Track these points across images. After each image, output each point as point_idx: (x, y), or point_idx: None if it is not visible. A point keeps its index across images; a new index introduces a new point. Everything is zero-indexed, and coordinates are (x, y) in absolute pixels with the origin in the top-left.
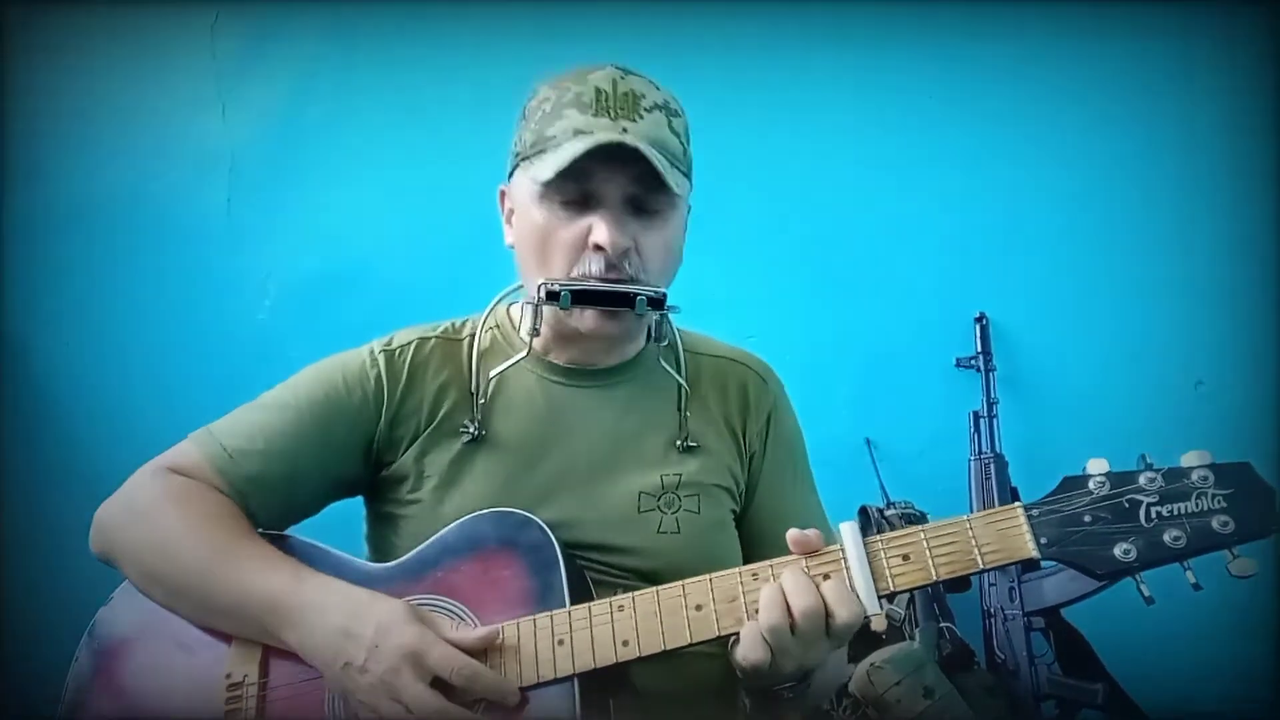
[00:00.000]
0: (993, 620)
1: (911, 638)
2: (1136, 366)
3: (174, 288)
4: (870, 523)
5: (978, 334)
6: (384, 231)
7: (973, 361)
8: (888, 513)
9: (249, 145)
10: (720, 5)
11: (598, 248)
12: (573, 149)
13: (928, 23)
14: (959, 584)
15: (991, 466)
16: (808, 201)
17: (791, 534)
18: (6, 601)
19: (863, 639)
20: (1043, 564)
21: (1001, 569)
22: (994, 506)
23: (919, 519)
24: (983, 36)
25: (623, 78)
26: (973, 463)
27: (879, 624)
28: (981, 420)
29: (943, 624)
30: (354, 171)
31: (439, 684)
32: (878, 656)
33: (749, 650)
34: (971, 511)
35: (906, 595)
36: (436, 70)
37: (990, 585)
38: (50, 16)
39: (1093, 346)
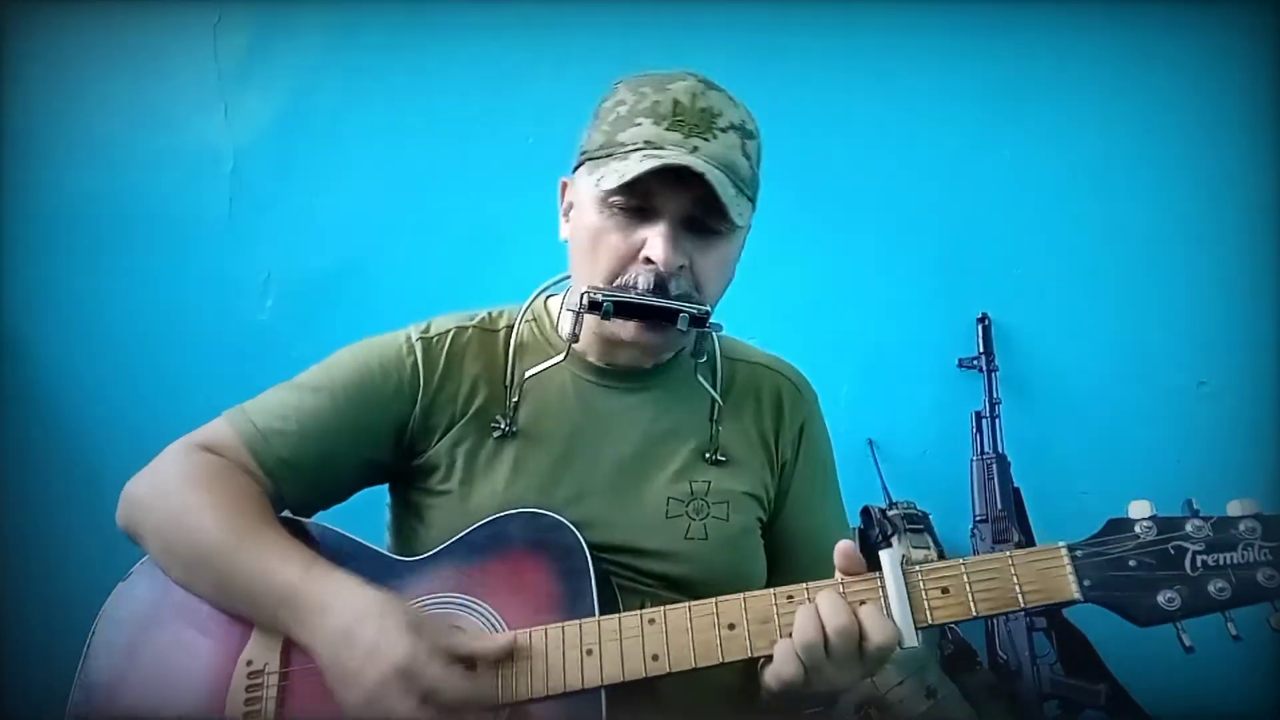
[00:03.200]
0: (995, 620)
1: None
2: (1139, 367)
3: (175, 288)
4: (873, 523)
5: (980, 334)
6: (385, 232)
7: (975, 362)
8: (890, 513)
9: (251, 146)
10: (718, 3)
11: (649, 261)
12: (639, 165)
13: (926, 21)
14: None
15: (994, 467)
16: (808, 200)
17: (842, 544)
18: (6, 601)
19: None
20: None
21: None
22: (996, 507)
23: (921, 519)
24: (984, 35)
25: (703, 92)
26: (975, 463)
27: None
28: (984, 420)
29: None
30: (356, 172)
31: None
32: None
33: (782, 667)
34: (974, 512)
35: None
36: (438, 71)
37: None
38: (51, 16)
39: (1095, 347)
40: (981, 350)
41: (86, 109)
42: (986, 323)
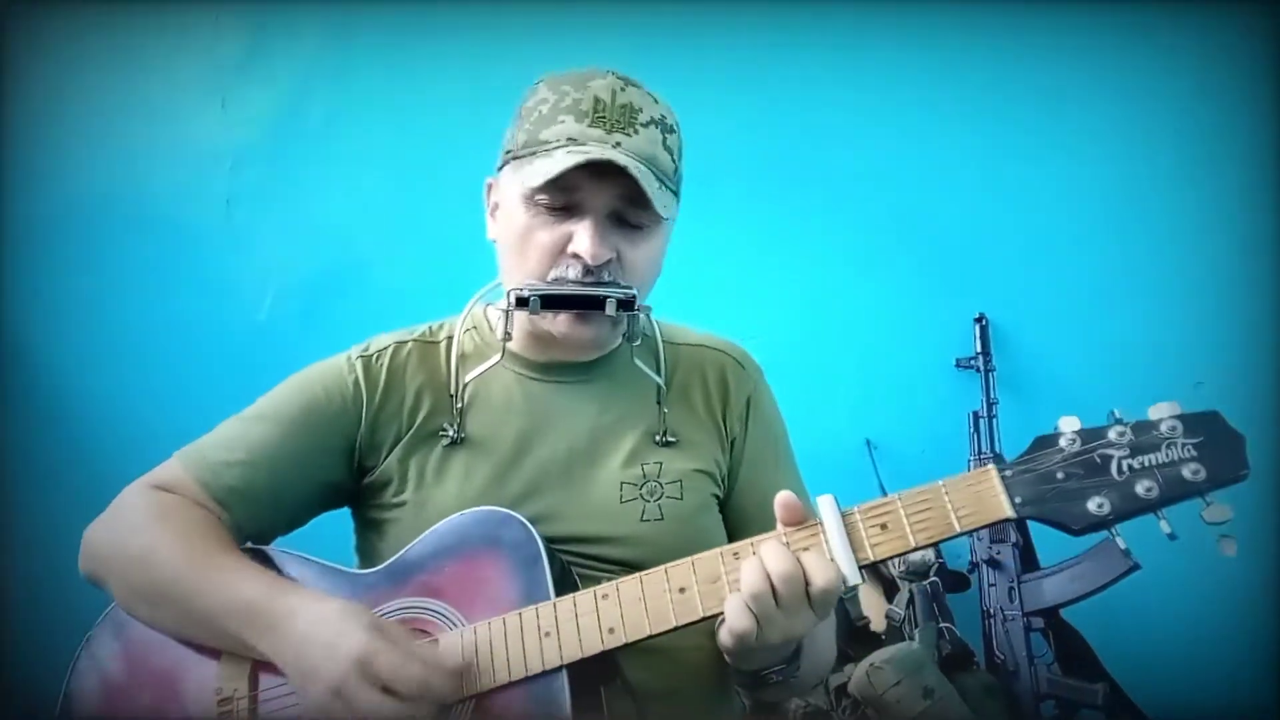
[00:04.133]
0: (992, 620)
1: (911, 638)
2: (1136, 367)
3: (174, 288)
4: None
5: (977, 334)
6: (384, 231)
7: (972, 362)
8: None
9: (249, 145)
10: (716, 4)
11: (576, 256)
12: (563, 160)
13: (928, 21)
14: (959, 583)
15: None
16: (807, 200)
17: (781, 495)
18: (6, 602)
19: (863, 640)
20: (1041, 565)
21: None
22: None
23: None
24: (983, 35)
25: (623, 89)
26: (972, 463)
27: (878, 624)
28: (981, 421)
29: (942, 624)
30: (354, 171)
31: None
32: (877, 657)
33: (734, 620)
34: None
35: (906, 596)
36: (436, 70)
37: (990, 585)
38: (51, 15)
39: (1092, 347)
40: (979, 350)
41: (86, 108)
42: (984, 323)
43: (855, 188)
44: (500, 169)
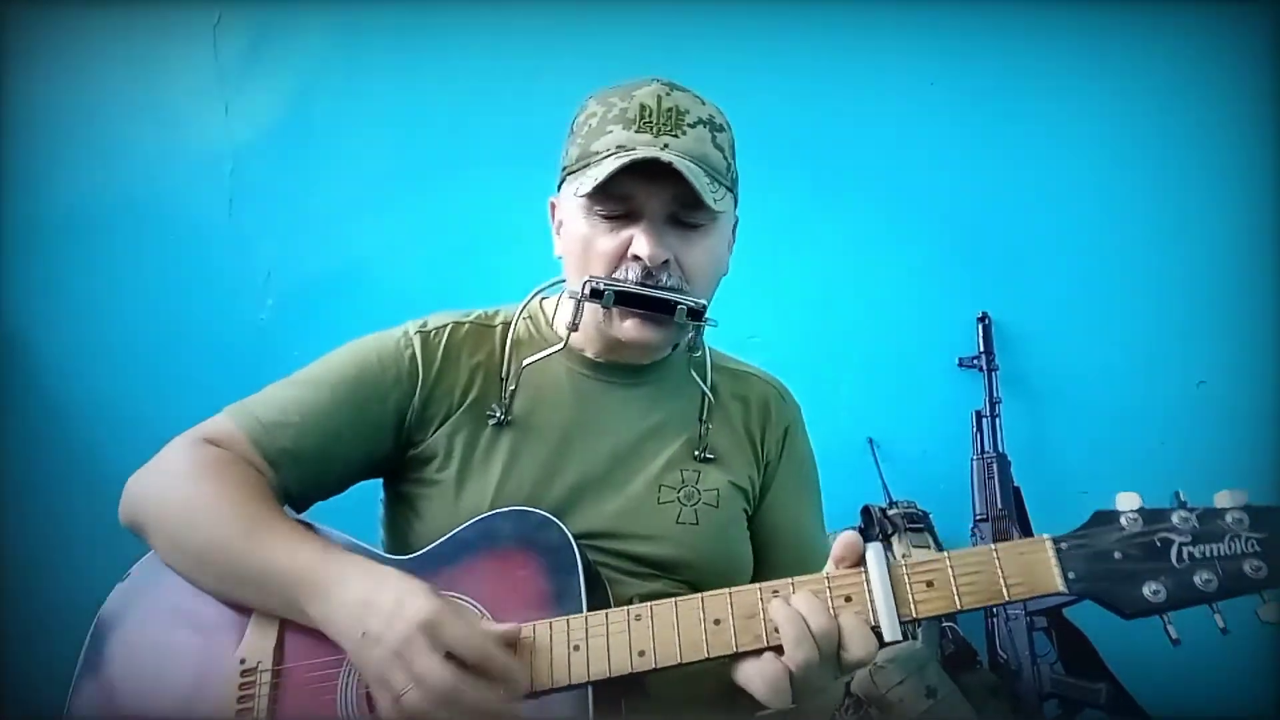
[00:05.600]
0: (995, 620)
1: (914, 637)
2: (1138, 365)
3: (176, 288)
4: (873, 522)
5: (980, 334)
6: (385, 232)
7: (975, 361)
8: (890, 512)
9: (251, 145)
10: (721, 2)
11: (636, 258)
12: (610, 165)
13: (930, 19)
14: None
15: (994, 466)
16: (810, 199)
17: (845, 534)
18: (6, 600)
19: None
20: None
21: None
22: (996, 506)
23: (921, 518)
24: (985, 34)
25: (668, 94)
26: (975, 462)
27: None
28: (984, 420)
29: (945, 623)
30: (356, 172)
31: (452, 661)
32: (881, 656)
33: (772, 697)
34: (974, 511)
35: None
36: (438, 71)
37: None
38: (51, 16)
39: (1095, 346)
40: (982, 349)
41: (87, 109)
42: (987, 322)
43: (857, 186)
44: (560, 187)
